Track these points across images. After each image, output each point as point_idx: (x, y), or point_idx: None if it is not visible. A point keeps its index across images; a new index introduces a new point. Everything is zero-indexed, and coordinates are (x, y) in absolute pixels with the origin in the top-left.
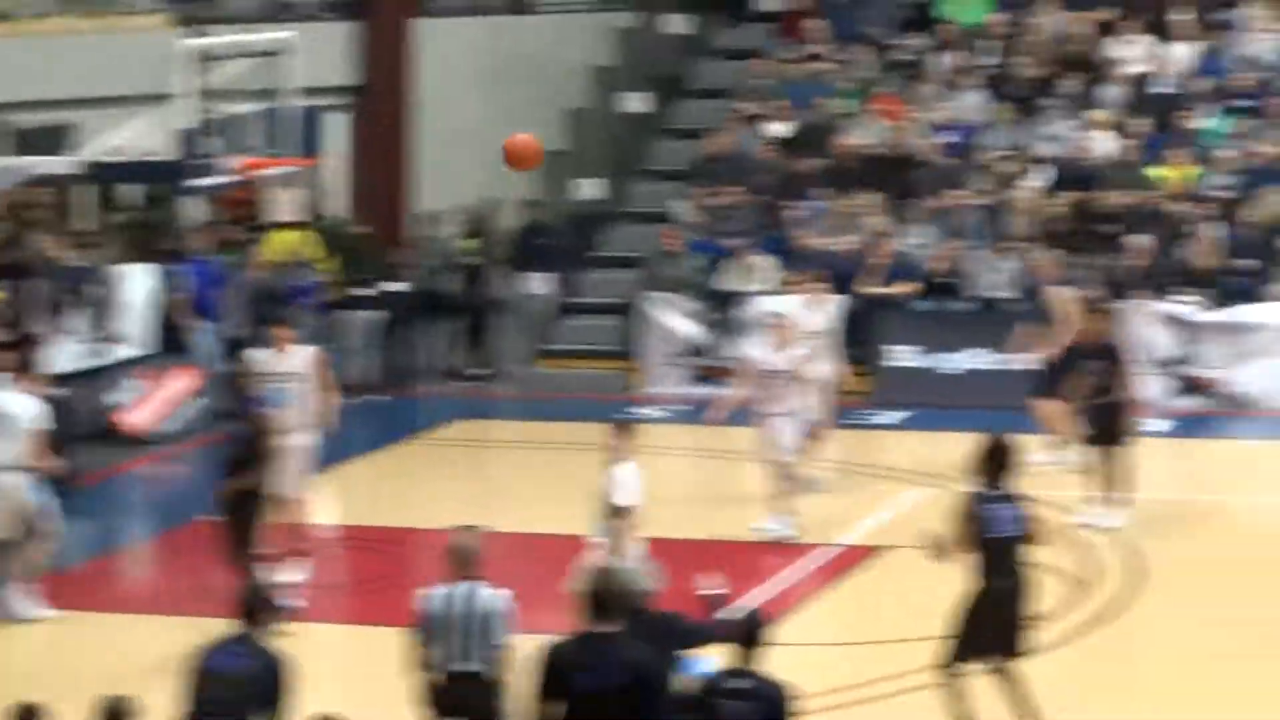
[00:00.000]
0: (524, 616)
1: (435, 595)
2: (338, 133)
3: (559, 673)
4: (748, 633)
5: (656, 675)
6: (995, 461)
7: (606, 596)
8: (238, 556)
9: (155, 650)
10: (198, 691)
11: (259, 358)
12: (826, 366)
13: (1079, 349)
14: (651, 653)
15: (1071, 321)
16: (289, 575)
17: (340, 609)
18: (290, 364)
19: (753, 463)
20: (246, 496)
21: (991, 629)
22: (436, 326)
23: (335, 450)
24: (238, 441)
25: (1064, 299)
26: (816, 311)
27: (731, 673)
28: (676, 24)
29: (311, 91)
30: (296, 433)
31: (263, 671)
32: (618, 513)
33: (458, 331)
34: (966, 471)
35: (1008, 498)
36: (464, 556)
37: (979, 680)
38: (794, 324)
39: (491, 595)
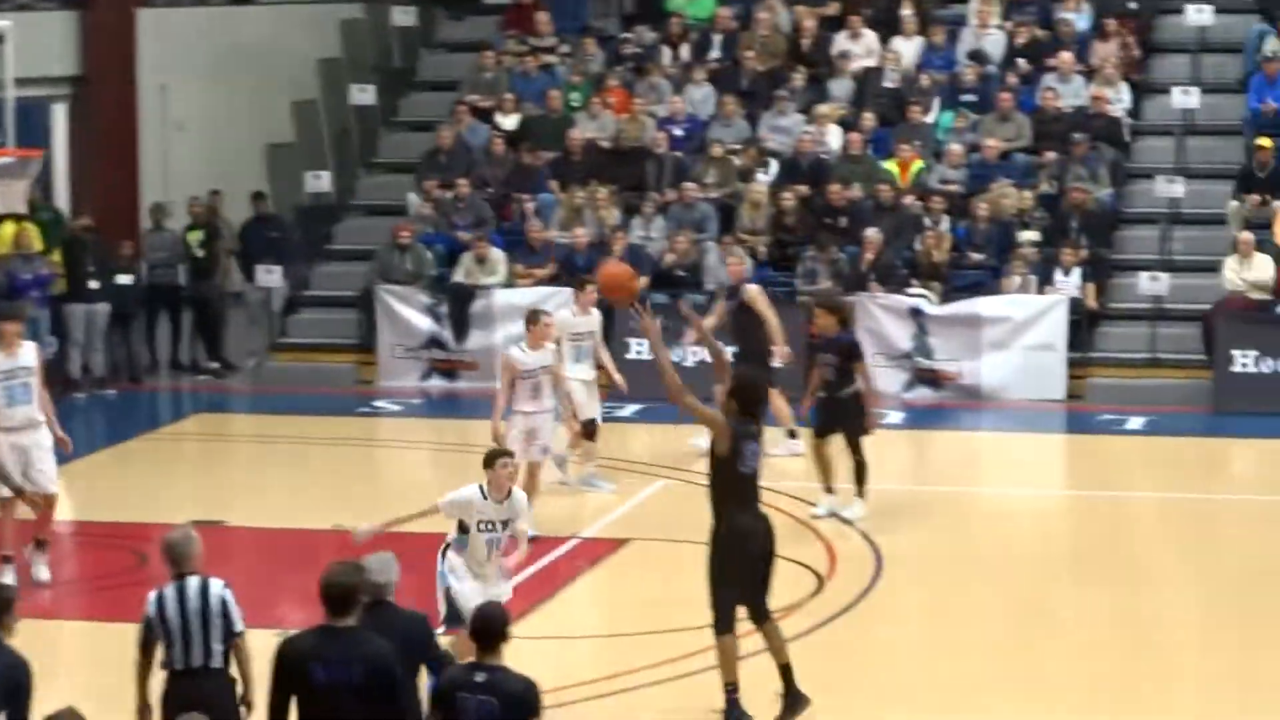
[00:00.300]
0: (259, 610)
1: (165, 593)
2: (59, 123)
3: (294, 666)
4: (485, 628)
5: (395, 669)
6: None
7: (345, 590)
8: None
9: None
10: None
11: None
12: (588, 368)
13: (813, 343)
14: (390, 647)
15: (771, 317)
16: (38, 571)
17: (78, 606)
18: (20, 360)
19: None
20: None
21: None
22: (167, 320)
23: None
24: None
25: (755, 296)
26: (585, 314)
27: (472, 667)
28: (403, 16)
29: (31, 81)
30: (36, 429)
31: (5, 670)
32: None
33: (189, 325)
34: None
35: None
36: (179, 553)
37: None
38: (554, 323)
39: (221, 588)
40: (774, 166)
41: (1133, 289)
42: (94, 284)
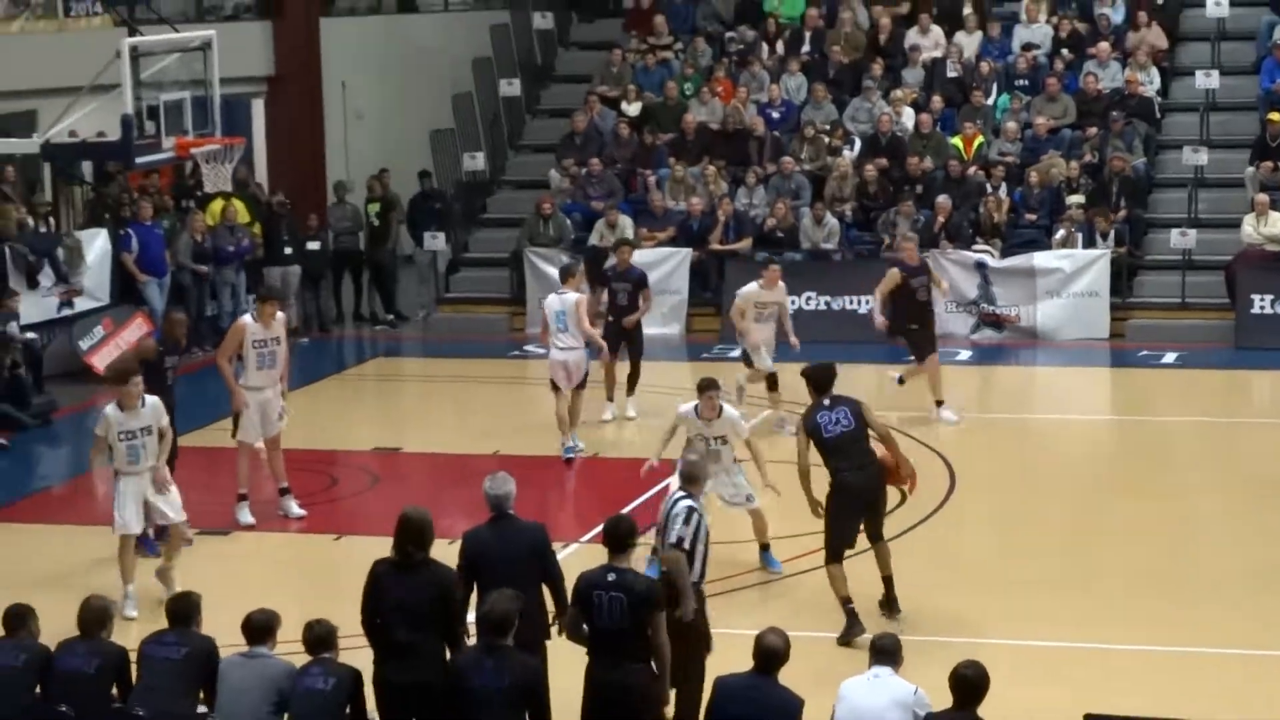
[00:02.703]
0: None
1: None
2: (258, 115)
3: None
4: (615, 534)
5: (541, 683)
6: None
7: (504, 616)
8: None
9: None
10: None
11: (251, 327)
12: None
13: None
14: (535, 662)
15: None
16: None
17: (281, 520)
18: (273, 331)
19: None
20: None
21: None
22: (349, 279)
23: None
24: None
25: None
26: (771, 289)
27: (604, 569)
28: (543, 20)
29: (234, 80)
30: (274, 387)
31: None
32: None
33: (368, 283)
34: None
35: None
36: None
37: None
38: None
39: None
40: (858, 143)
41: (1165, 243)
42: (288, 250)
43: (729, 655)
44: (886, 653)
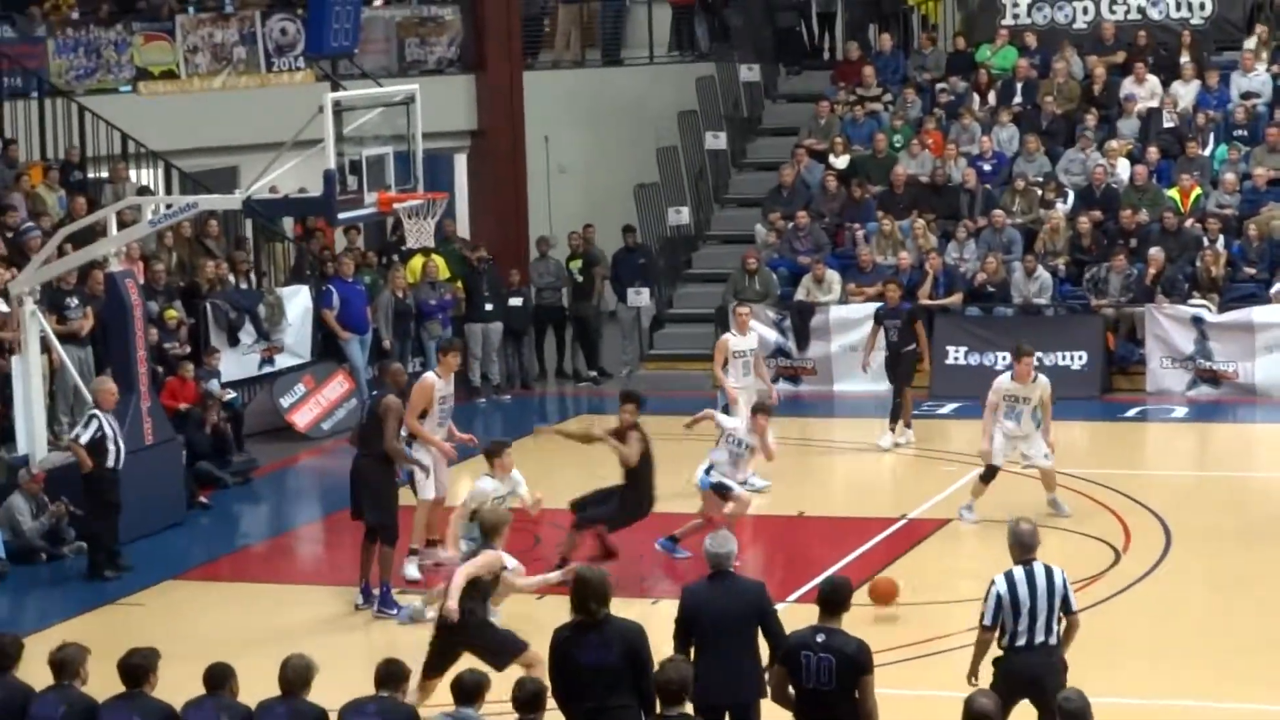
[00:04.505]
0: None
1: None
2: (460, 170)
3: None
4: (832, 597)
5: None
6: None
7: (681, 684)
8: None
9: (321, 613)
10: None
11: (438, 384)
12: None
13: None
14: None
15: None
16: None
17: None
18: (453, 385)
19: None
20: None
21: None
22: (552, 335)
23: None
24: None
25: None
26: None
27: (814, 630)
28: (749, 73)
29: (437, 135)
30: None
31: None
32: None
33: (571, 339)
34: None
35: None
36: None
37: None
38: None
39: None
40: (1071, 196)
41: None
42: (489, 306)
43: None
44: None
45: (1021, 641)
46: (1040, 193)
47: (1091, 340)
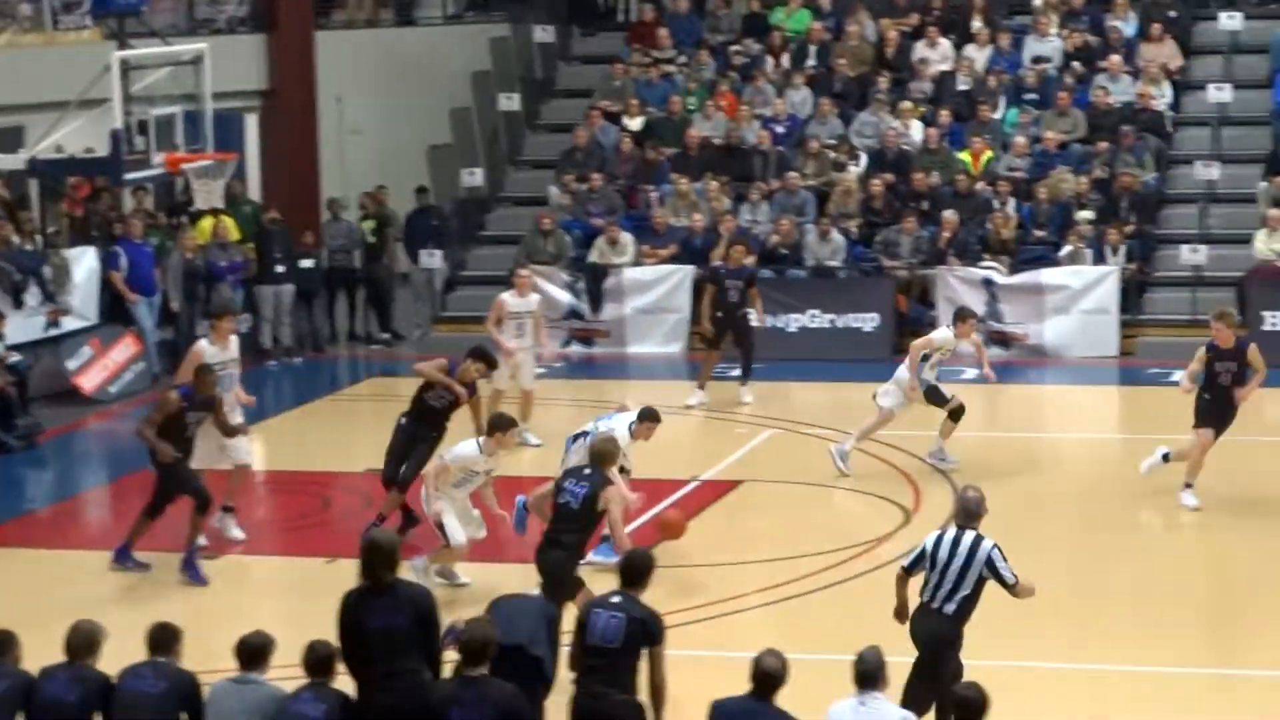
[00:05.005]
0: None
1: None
2: (251, 131)
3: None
4: (631, 569)
5: (525, 712)
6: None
7: (483, 643)
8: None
9: (108, 581)
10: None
11: (208, 351)
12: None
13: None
14: (517, 690)
15: None
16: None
17: (273, 544)
18: (230, 353)
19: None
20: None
21: None
22: (344, 298)
23: (262, 407)
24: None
25: None
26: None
27: (613, 593)
28: (543, 34)
29: (227, 95)
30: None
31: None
32: None
33: (363, 302)
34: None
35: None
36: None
37: None
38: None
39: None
40: (864, 159)
41: (1175, 259)
42: (281, 268)
43: (730, 678)
44: (870, 677)
45: (926, 598)
46: (833, 155)
47: (883, 302)
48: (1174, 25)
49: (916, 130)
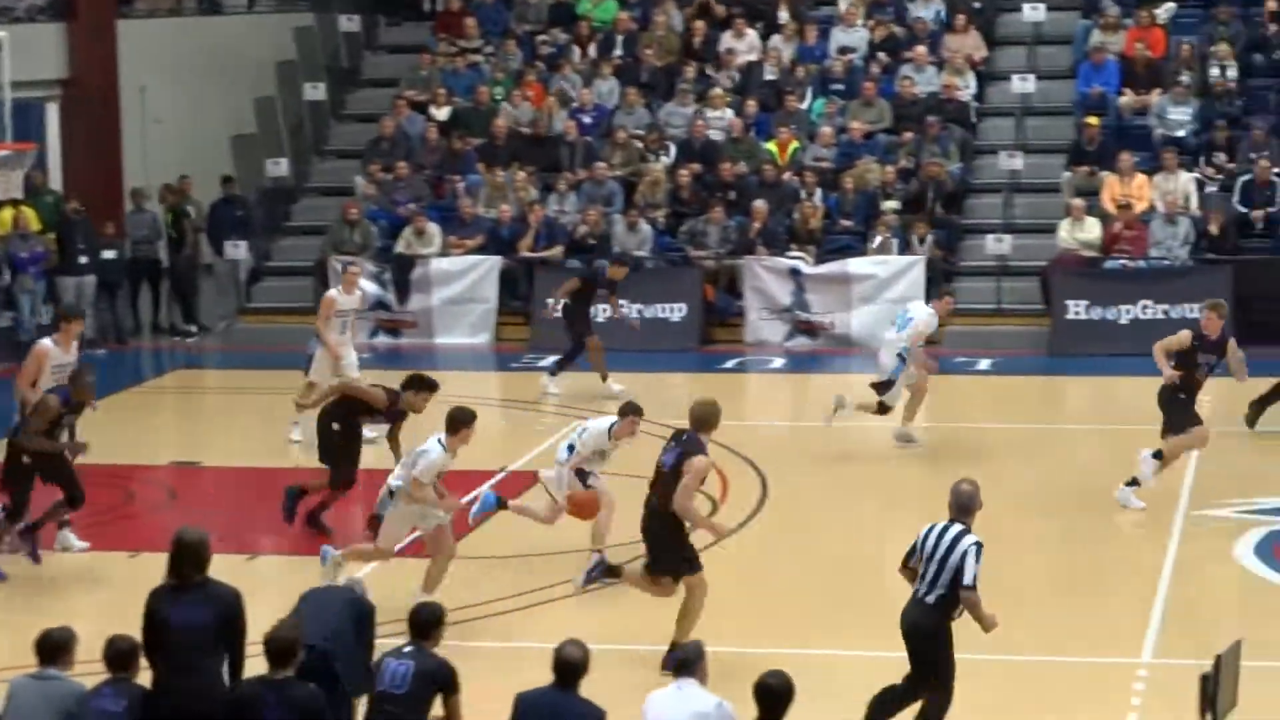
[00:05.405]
0: (234, 537)
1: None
2: (52, 120)
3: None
4: (417, 622)
5: (325, 713)
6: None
7: (287, 644)
8: None
9: None
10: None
11: (52, 352)
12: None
13: None
14: (320, 692)
15: None
16: None
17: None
18: (74, 355)
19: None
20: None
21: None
22: (148, 289)
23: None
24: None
25: None
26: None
27: (405, 644)
28: (349, 23)
29: (26, 84)
30: None
31: None
32: None
33: (167, 293)
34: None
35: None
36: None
37: None
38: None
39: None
40: (672, 149)
41: (980, 249)
42: (83, 259)
43: (534, 670)
44: (687, 665)
45: (915, 588)
46: (641, 145)
47: (690, 292)
48: (978, 16)
49: (723, 121)
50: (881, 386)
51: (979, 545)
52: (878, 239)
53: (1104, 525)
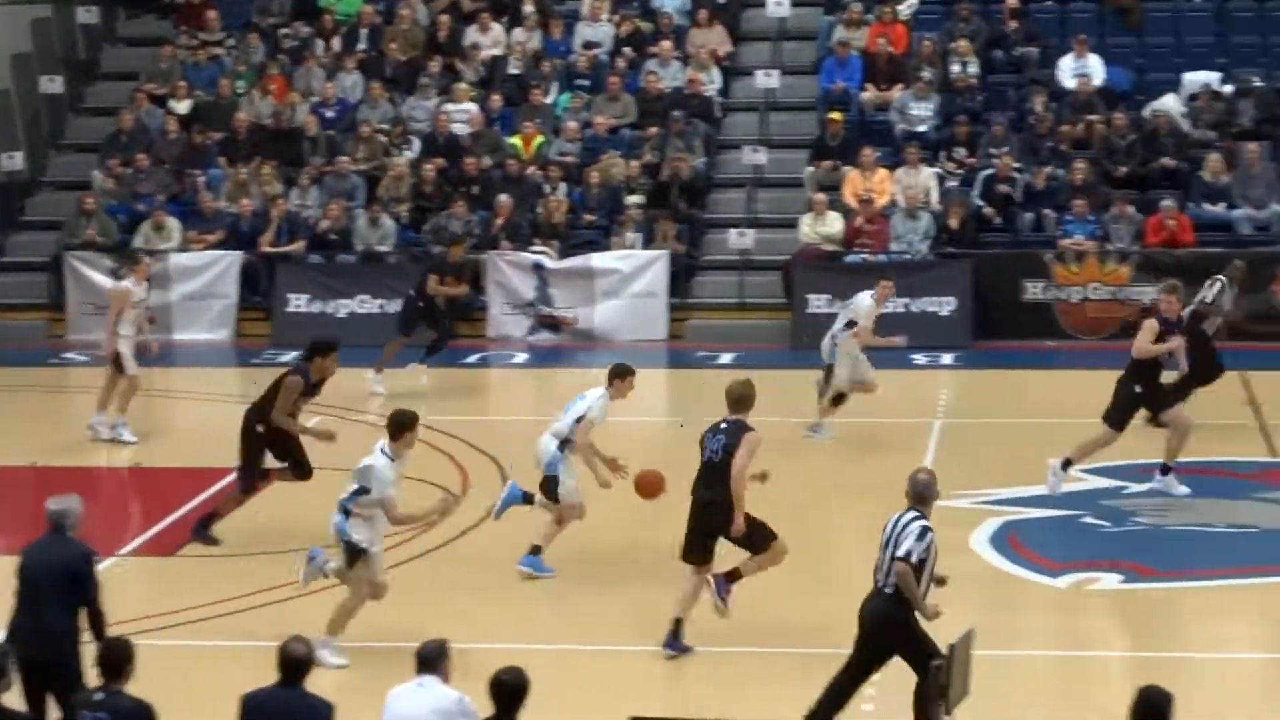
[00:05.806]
0: None
1: None
2: None
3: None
4: (108, 659)
5: None
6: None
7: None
8: None
9: None
10: None
11: None
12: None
13: None
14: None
15: None
16: None
17: None
18: None
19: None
20: None
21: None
22: None
23: None
24: None
25: None
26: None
27: (95, 690)
28: (87, 14)
29: None
30: None
31: None
32: None
33: None
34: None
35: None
36: None
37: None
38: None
39: None
40: (416, 143)
41: (723, 243)
42: None
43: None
44: (427, 661)
45: (875, 578)
46: (384, 140)
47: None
48: (723, 11)
49: (467, 115)
50: (826, 373)
51: (926, 528)
52: (632, 235)
53: (842, 515)
